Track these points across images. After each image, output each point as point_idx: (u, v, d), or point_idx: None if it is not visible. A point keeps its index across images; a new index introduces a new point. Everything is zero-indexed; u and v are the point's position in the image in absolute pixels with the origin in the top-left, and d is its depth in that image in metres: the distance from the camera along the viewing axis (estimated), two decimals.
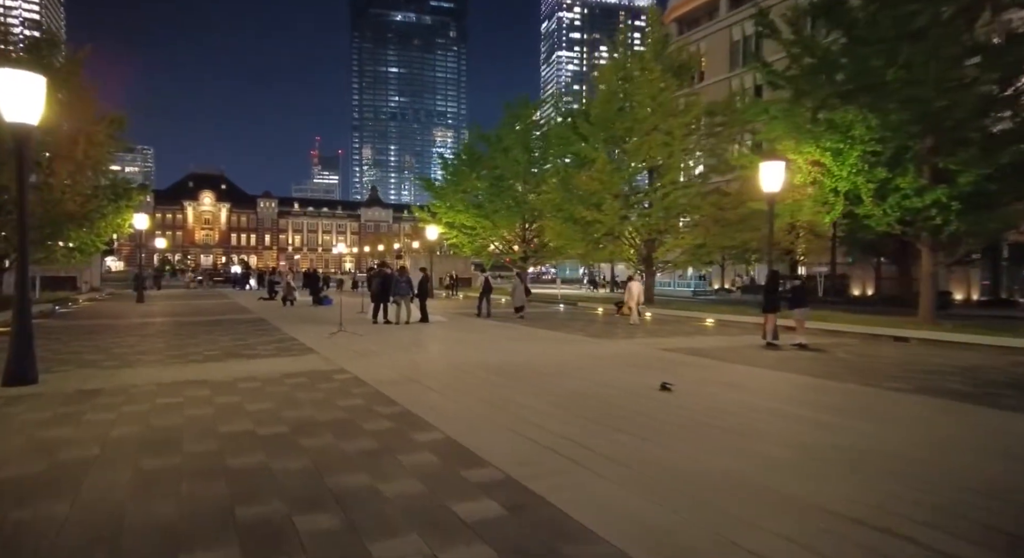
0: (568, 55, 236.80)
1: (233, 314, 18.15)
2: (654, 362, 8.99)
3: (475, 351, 10.05)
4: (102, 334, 12.43)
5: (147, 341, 11.27)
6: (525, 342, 11.42)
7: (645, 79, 19.93)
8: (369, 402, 6.02)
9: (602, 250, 21.89)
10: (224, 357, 9.20)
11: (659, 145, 19.29)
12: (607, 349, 10.52)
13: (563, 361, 8.94)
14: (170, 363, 8.60)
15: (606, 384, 7.07)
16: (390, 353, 9.66)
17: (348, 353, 9.61)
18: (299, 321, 15.66)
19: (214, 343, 10.93)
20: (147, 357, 9.19)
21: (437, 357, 9.21)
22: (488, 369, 8.13)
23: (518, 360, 9.00)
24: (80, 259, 24.79)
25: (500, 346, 10.75)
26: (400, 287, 14.47)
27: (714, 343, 11.69)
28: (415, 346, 10.68)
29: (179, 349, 10.12)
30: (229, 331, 13.06)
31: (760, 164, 12.49)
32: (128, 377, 7.40)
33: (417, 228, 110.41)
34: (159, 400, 6.09)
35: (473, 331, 13.58)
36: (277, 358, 9.11)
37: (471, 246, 32.59)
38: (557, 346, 10.87)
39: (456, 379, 7.36)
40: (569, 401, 6.12)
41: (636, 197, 20.75)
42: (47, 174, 21.96)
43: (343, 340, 11.34)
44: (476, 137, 31.36)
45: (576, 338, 12.25)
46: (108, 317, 17.00)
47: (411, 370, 7.98)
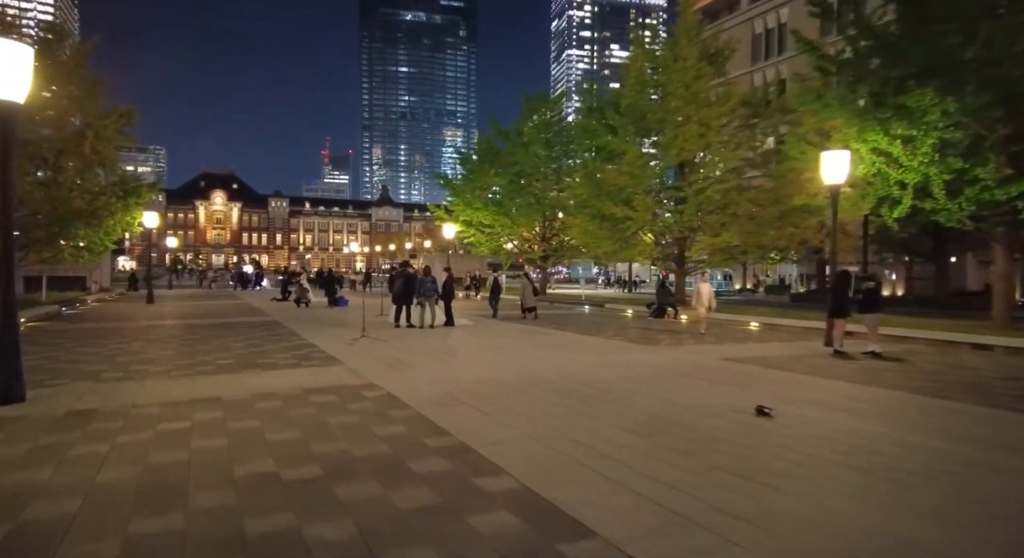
0: (578, 54, 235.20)
1: (245, 316, 17.27)
2: (723, 375, 7.91)
3: (515, 361, 9.03)
4: (107, 339, 11.55)
5: (154, 347, 10.36)
6: (567, 350, 10.37)
7: (679, 67, 18.80)
8: (413, 430, 5.00)
9: (630, 248, 20.80)
10: (238, 367, 8.24)
11: (694, 137, 18.15)
12: (661, 358, 9.45)
13: (619, 374, 7.88)
14: (178, 375, 7.66)
15: (684, 405, 6.01)
16: (422, 364, 8.66)
17: (376, 363, 8.62)
18: (316, 324, 14.73)
19: (227, 350, 10.00)
20: (153, 367, 8.26)
21: (475, 369, 8.20)
22: (538, 384, 7.09)
23: (567, 371, 7.96)
24: (89, 258, 24.07)
25: (541, 354, 9.71)
26: (425, 288, 13.48)
27: (774, 351, 10.58)
28: (447, 355, 9.67)
29: (189, 357, 9.19)
30: (242, 336, 12.13)
31: (822, 154, 11.38)
32: (130, 393, 6.46)
33: (429, 227, 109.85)
34: (162, 426, 5.12)
35: (504, 336, 12.55)
36: (297, 369, 8.14)
37: (488, 245, 31.59)
38: (603, 355, 9.81)
39: (506, 398, 6.34)
40: (649, 428, 5.08)
41: (668, 192, 19.61)
42: (54, 170, 21.26)
43: (367, 347, 10.36)
44: (494, 132, 30.34)
45: (620, 344, 11.18)
46: (116, 319, 16.18)
47: (451, 385, 6.96)
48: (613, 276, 61.67)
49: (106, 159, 21.95)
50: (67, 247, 22.88)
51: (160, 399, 6.20)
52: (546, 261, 30.59)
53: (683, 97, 18.80)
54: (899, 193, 12.45)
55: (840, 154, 11.13)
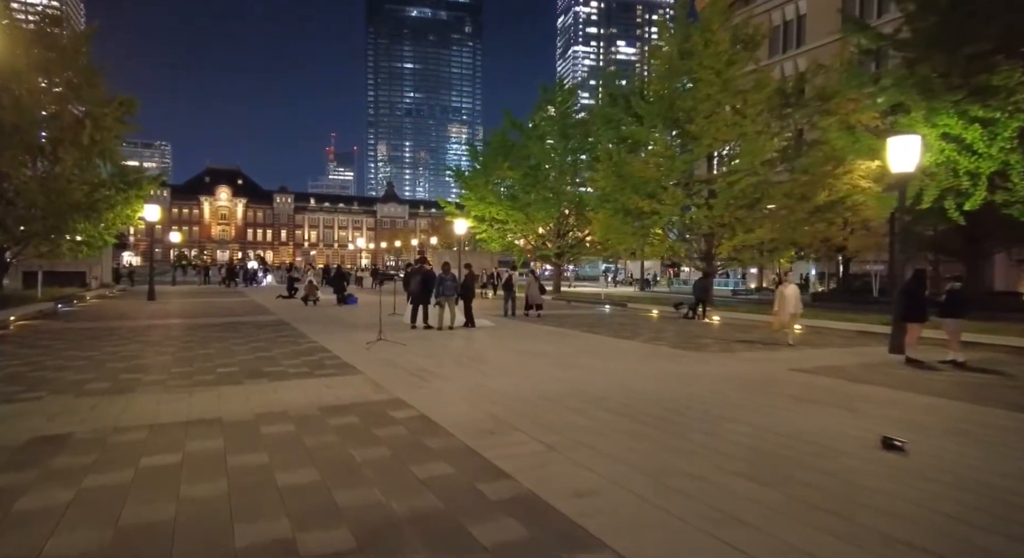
0: (584, 50, 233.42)
1: (251, 315, 16.25)
2: (806, 391, 6.81)
3: (556, 370, 7.94)
4: (101, 340, 10.53)
5: (151, 351, 9.33)
6: (609, 357, 9.29)
7: (710, 53, 17.64)
8: (463, 471, 3.93)
9: (656, 245, 19.67)
10: (242, 376, 7.20)
11: (728, 126, 17.00)
12: (720, 368, 8.35)
13: (683, 389, 6.79)
14: (173, 386, 6.61)
15: (789, 434, 4.92)
16: (452, 373, 7.58)
17: (398, 372, 7.56)
18: (326, 324, 13.69)
19: (230, 354, 8.96)
20: (146, 376, 7.22)
21: (514, 380, 7.12)
22: (594, 401, 6.01)
23: (621, 384, 6.87)
24: (88, 253, 23.11)
25: (583, 362, 8.63)
26: (445, 287, 12.41)
27: (839, 358, 9.46)
28: (476, 362, 8.59)
29: (187, 363, 8.15)
30: (247, 337, 11.10)
31: (888, 140, 10.24)
32: (114, 411, 5.42)
33: (435, 223, 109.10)
34: (146, 460, 4.07)
35: (532, 339, 11.47)
36: (310, 379, 7.08)
37: (500, 241, 30.49)
38: (651, 363, 8.72)
39: (565, 422, 5.26)
40: (766, 471, 3.99)
41: (698, 185, 18.47)
42: (51, 161, 20.31)
43: (385, 352, 9.30)
44: (508, 124, 29.20)
45: (666, 351, 10.07)
46: (113, 318, 15.18)
47: (493, 403, 5.89)
48: (622, 274, 60.49)
49: (106, 149, 20.97)
50: (65, 241, 21.96)
51: (149, 420, 5.15)
52: (560, 258, 29.47)
53: (714, 84, 17.65)
54: (968, 184, 11.28)
55: (909, 139, 9.99)
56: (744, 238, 17.71)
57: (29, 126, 18.17)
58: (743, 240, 17.81)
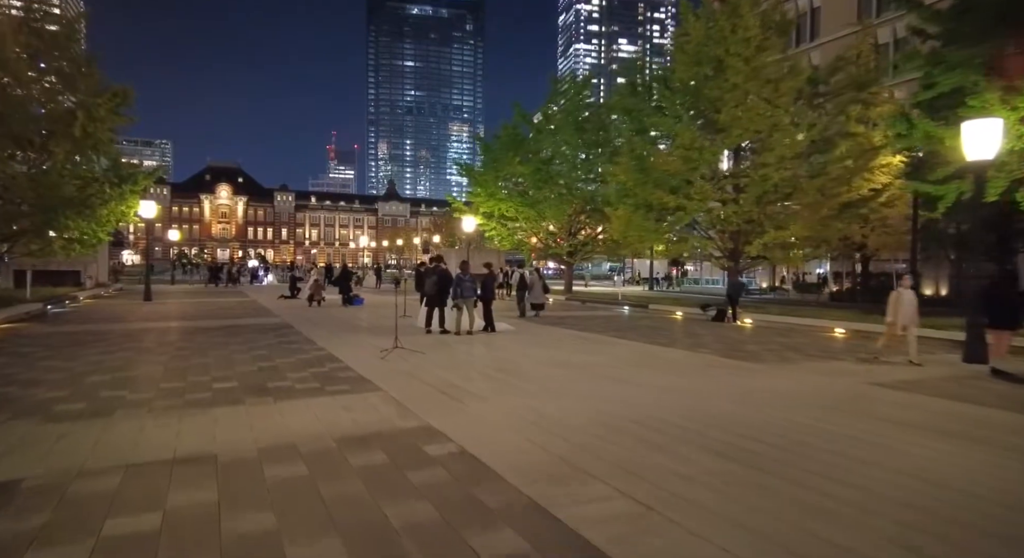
0: (586, 48, 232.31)
1: (252, 317, 15.22)
2: (912, 413, 5.76)
3: (604, 386, 6.90)
4: (87, 347, 9.51)
5: (140, 360, 8.29)
6: (656, 369, 8.24)
7: (738, 38, 16.57)
8: (538, 543, 2.89)
9: (679, 243, 18.60)
10: (242, 394, 6.17)
11: (759, 116, 15.94)
12: (790, 384, 7.29)
13: (763, 412, 5.75)
14: (160, 408, 5.58)
15: (937, 481, 3.86)
16: (486, 390, 6.54)
17: (423, 389, 6.52)
18: (333, 328, 12.66)
19: (228, 365, 7.92)
20: (131, 392, 6.19)
21: (561, 401, 6.08)
22: (669, 432, 4.96)
23: (689, 407, 5.83)
24: (82, 251, 22.09)
25: (629, 376, 7.58)
26: (464, 288, 11.36)
27: (914, 371, 8.40)
28: (509, 374, 7.54)
29: (179, 376, 7.12)
30: (248, 344, 10.07)
31: (963, 125, 9.20)
32: (84, 445, 4.38)
33: (437, 221, 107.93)
34: (111, 525, 3.03)
35: (562, 346, 10.42)
36: (321, 398, 6.04)
37: (510, 239, 29.42)
38: (708, 377, 7.67)
39: (646, 463, 4.21)
40: (942, 543, 2.96)
41: (725, 180, 17.39)
42: (41, 153, 19.28)
43: (403, 361, 8.27)
44: (518, 117, 28.12)
45: (719, 361, 9.00)
46: (106, 320, 14.16)
47: (547, 434, 4.84)
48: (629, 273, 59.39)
49: (99, 142, 19.91)
50: (57, 239, 20.95)
51: (126, 456, 4.12)
52: (572, 257, 28.40)
53: (742, 72, 16.58)
54: None
55: (989, 123, 8.95)
56: (776, 235, 16.65)
57: (16, 117, 17.14)
58: (775, 237, 16.75)
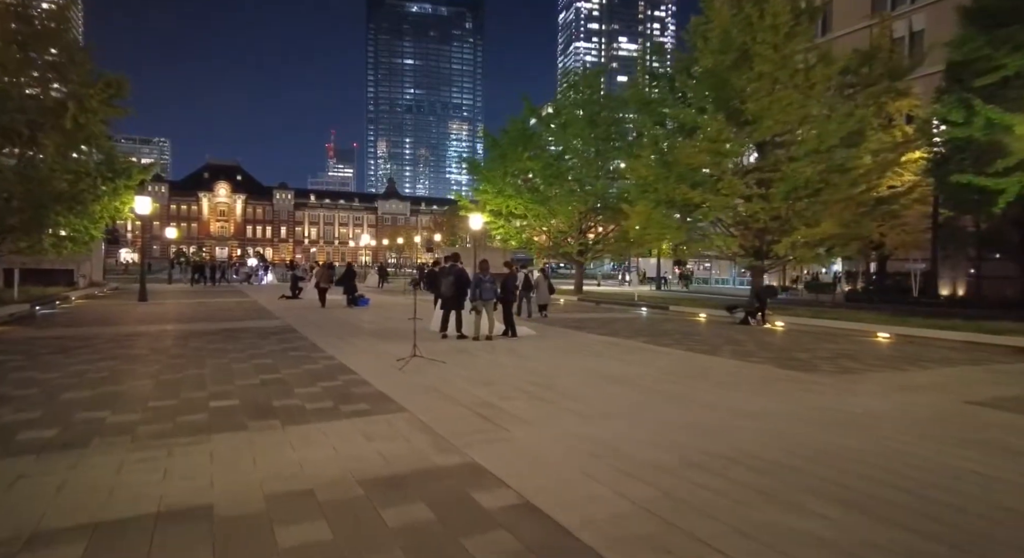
0: (586, 46, 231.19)
1: (252, 320, 14.28)
2: None
3: (665, 407, 5.98)
4: (71, 354, 8.58)
5: (128, 371, 7.36)
6: (712, 382, 7.32)
7: (767, 25, 15.65)
8: None
9: (701, 241, 17.68)
10: (244, 415, 5.24)
11: (791, 106, 15.02)
12: (875, 400, 6.37)
13: (881, 445, 4.84)
14: (147, 435, 4.66)
15: None
16: (528, 411, 5.60)
17: (455, 409, 5.59)
18: (340, 332, 11.72)
19: (227, 376, 7.00)
20: (113, 415, 5.27)
21: (620, 425, 5.14)
22: (778, 474, 4.04)
23: (774, 432, 4.92)
24: (74, 249, 21.11)
25: (685, 392, 6.67)
26: (484, 289, 10.43)
27: (1003, 382, 7.50)
28: (549, 390, 6.61)
29: (172, 391, 6.19)
30: (249, 350, 9.14)
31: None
32: (43, 493, 3.46)
33: (438, 220, 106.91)
34: None
35: (593, 353, 9.51)
36: (338, 422, 5.12)
37: (518, 238, 28.49)
38: (777, 393, 6.75)
39: (775, 526, 3.29)
40: None
41: (751, 174, 16.44)
42: (30, 146, 18.35)
43: (424, 373, 7.34)
44: (528, 111, 27.17)
45: (778, 374, 8.06)
46: (96, 323, 13.22)
47: (622, 475, 3.92)
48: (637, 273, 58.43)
49: (91, 134, 18.95)
50: (48, 236, 20.00)
51: (94, 510, 3.19)
52: (582, 255, 27.47)
53: (771, 60, 15.67)
54: None
55: None
56: (807, 233, 15.74)
57: (3, 107, 16.19)
58: (805, 236, 15.84)
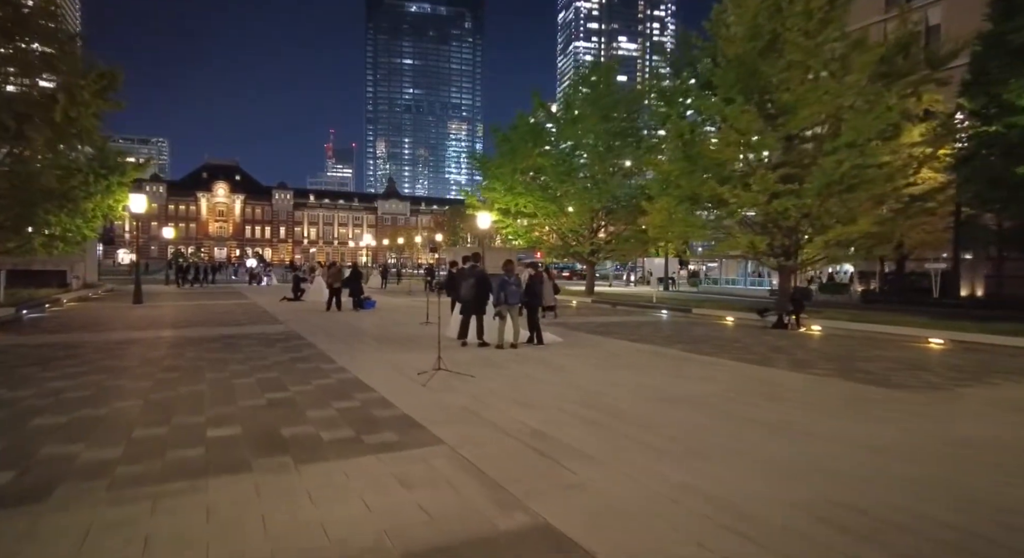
0: (585, 46, 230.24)
1: (254, 324, 13.32)
2: None
3: (758, 436, 5.05)
4: (51, 366, 7.64)
5: (114, 388, 6.41)
6: (790, 402, 6.39)
7: (797, 11, 14.71)
8: None
9: (726, 239, 16.72)
10: (248, 450, 4.30)
11: (828, 96, 14.08)
12: (996, 429, 5.47)
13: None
14: (126, 480, 3.71)
15: None
16: (592, 444, 4.64)
17: (503, 442, 4.63)
18: (349, 338, 10.77)
19: (228, 396, 6.06)
20: (88, 450, 4.32)
21: (710, 462, 4.23)
22: (947, 539, 3.12)
23: (919, 479, 3.99)
24: (65, 249, 20.14)
25: (772, 416, 5.74)
26: (509, 292, 9.49)
27: None
28: (605, 413, 5.66)
29: (161, 417, 5.25)
30: (252, 361, 8.19)
31: None
32: None
33: (437, 220, 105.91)
34: None
35: (638, 366, 8.56)
36: (361, 460, 4.17)
37: (527, 237, 27.55)
38: (877, 416, 5.82)
39: None
40: None
41: (780, 169, 15.46)
42: (17, 141, 17.37)
43: (452, 389, 6.40)
44: (537, 106, 26.22)
45: (860, 389, 7.15)
46: (86, 329, 12.26)
47: (747, 544, 2.99)
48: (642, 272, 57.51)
49: (83, 129, 17.97)
50: (37, 235, 19.04)
51: None
52: (595, 256, 26.52)
53: (802, 48, 14.74)
54: None
55: None
56: (843, 231, 14.81)
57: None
58: (840, 234, 14.91)
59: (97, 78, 17.68)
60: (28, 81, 17.62)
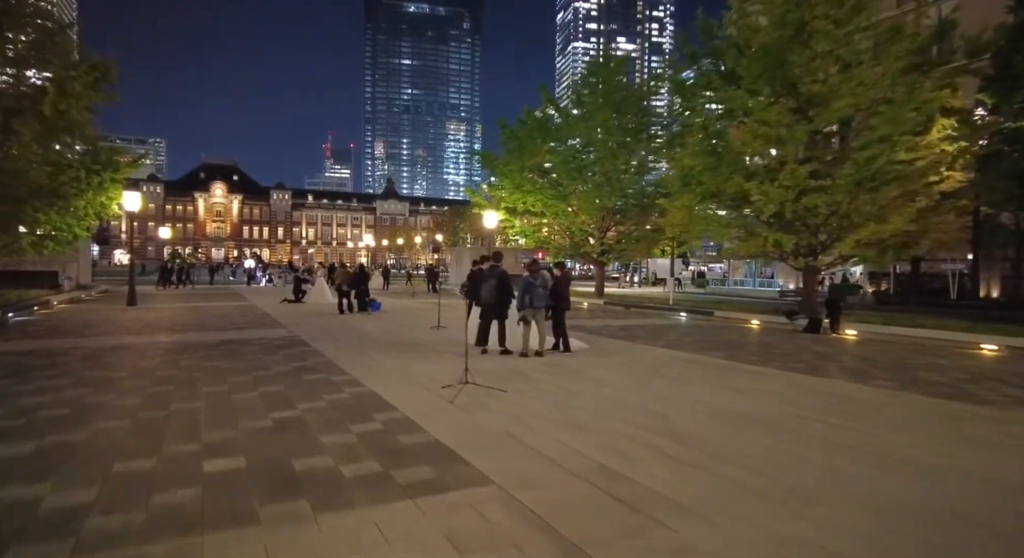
0: (584, 46, 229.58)
1: (254, 328, 12.48)
2: None
3: (844, 464, 4.26)
4: (29, 379, 6.80)
5: (96, 407, 5.57)
6: (866, 421, 5.61)
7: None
8: None
9: (750, 237, 15.91)
10: (253, 493, 3.47)
11: (863, 86, 13.32)
12: None
13: None
14: (97, 539, 2.89)
15: None
16: (683, 488, 3.83)
17: (565, 481, 3.81)
18: (359, 345, 9.94)
19: (228, 416, 5.23)
20: (53, 493, 3.49)
21: (824, 507, 3.45)
22: None
23: None
24: (56, 249, 19.26)
25: (855, 440, 4.94)
26: (535, 295, 8.68)
27: None
28: (679, 441, 4.85)
29: (149, 445, 4.41)
30: (255, 373, 7.35)
31: None
32: None
33: (437, 220, 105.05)
34: None
35: (683, 377, 7.76)
36: (395, 506, 3.35)
37: (535, 237, 26.75)
38: (984, 440, 5.04)
39: None
40: None
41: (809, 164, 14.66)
42: (4, 135, 16.52)
43: (486, 409, 5.58)
44: (546, 101, 25.43)
45: (957, 409, 6.34)
46: (74, 333, 11.41)
47: None
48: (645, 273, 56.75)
49: (74, 122, 17.13)
50: (26, 234, 18.18)
51: None
52: (605, 256, 25.74)
53: (833, 37, 13.99)
54: None
55: None
56: (876, 230, 14.03)
57: None
58: (874, 233, 14.13)
59: (88, 70, 16.85)
60: (16, 73, 16.81)
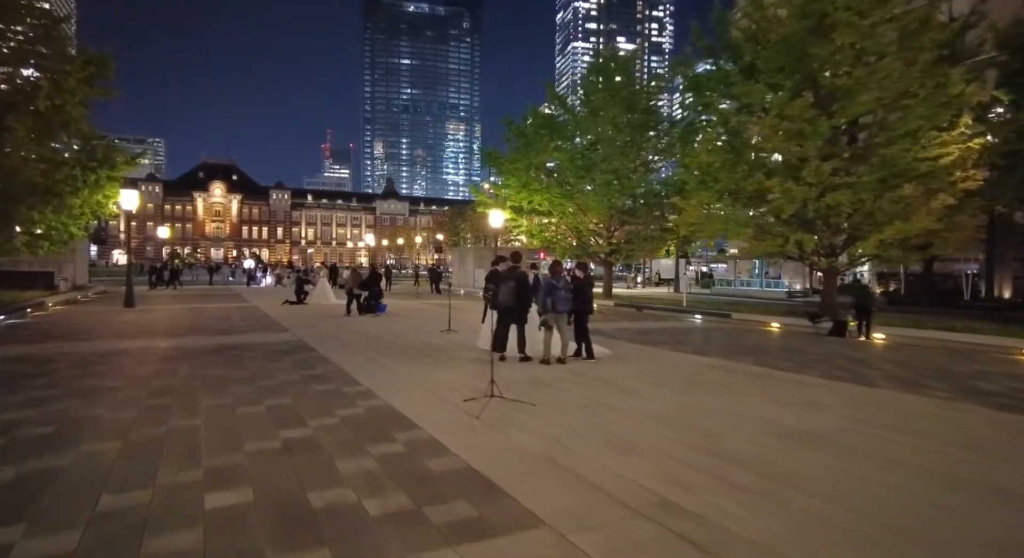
0: (584, 46, 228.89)
1: (256, 332, 11.92)
2: None
3: (919, 486, 3.73)
4: (15, 389, 6.26)
5: (85, 422, 5.03)
6: (943, 442, 5.07)
7: None
8: None
9: (767, 237, 15.37)
10: (264, 538, 2.93)
11: (888, 79, 12.78)
12: None
13: None
14: None
15: None
16: (760, 522, 3.28)
17: (626, 521, 3.25)
18: (369, 350, 9.39)
19: (231, 436, 4.68)
20: (26, 539, 2.94)
21: (923, 545, 2.93)
22: None
23: None
24: (51, 249, 18.71)
25: (932, 463, 4.42)
26: (558, 298, 8.14)
27: None
28: (728, 461, 4.30)
29: (142, 472, 3.87)
30: (258, 381, 6.81)
31: None
32: None
33: (437, 220, 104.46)
34: None
35: (720, 388, 7.23)
36: (433, 554, 2.82)
37: (541, 237, 26.21)
38: None
39: None
40: None
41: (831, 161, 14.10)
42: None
43: (518, 427, 5.04)
44: (552, 98, 24.89)
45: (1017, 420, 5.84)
46: (67, 337, 10.85)
47: None
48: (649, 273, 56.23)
49: (69, 118, 16.58)
50: (20, 234, 17.64)
51: None
52: (612, 256, 25.20)
53: (855, 29, 13.45)
54: None
55: None
56: (902, 228, 13.50)
57: None
58: (899, 232, 13.60)
59: (84, 64, 16.32)
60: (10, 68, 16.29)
